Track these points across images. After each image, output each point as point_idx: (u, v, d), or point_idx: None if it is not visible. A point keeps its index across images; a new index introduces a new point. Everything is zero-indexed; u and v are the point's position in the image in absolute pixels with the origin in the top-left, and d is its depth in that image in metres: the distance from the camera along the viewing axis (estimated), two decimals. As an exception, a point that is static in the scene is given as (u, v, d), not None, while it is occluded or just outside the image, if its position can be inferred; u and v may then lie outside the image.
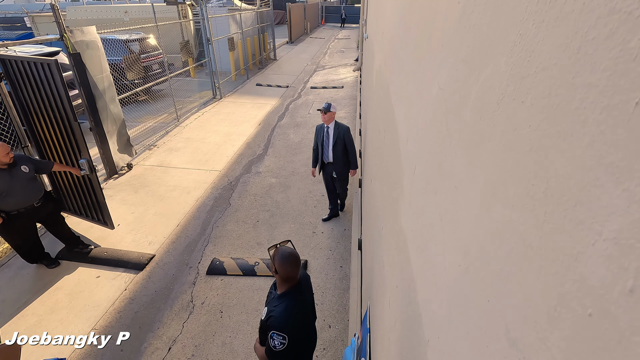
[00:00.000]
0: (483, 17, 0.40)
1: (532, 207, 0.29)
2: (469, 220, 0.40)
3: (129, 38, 8.82)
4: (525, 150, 0.31)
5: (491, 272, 0.34)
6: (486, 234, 0.36)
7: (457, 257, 0.43)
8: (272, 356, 1.89)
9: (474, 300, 0.37)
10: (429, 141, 0.63)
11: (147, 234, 4.46)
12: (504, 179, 0.33)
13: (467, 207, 0.41)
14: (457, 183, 0.45)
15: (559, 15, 0.28)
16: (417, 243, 0.68)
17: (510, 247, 0.31)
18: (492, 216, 0.35)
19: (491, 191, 0.35)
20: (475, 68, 0.41)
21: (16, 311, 3.35)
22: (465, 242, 0.41)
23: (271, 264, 1.97)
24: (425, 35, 0.76)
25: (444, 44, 0.56)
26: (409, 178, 0.79)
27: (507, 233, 0.32)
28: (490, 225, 0.35)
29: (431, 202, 0.58)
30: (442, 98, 0.55)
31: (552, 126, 0.28)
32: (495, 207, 0.34)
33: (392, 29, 1.50)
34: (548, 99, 0.29)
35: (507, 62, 0.34)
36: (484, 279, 0.35)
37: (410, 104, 0.88)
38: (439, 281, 0.50)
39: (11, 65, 3.80)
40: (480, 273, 0.36)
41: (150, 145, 6.94)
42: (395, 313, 0.90)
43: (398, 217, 0.95)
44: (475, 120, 0.40)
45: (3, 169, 3.27)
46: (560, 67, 0.28)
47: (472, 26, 0.43)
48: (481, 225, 0.37)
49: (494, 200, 0.35)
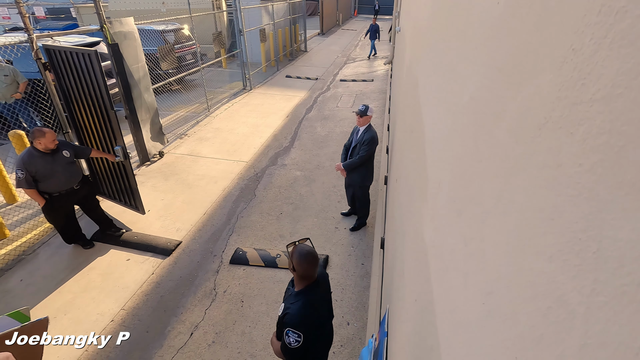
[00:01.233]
0: (526, 21, 0.33)
1: (578, 268, 0.24)
2: (496, 259, 0.35)
3: (165, 29, 9.06)
4: (572, 195, 0.25)
5: (520, 328, 0.29)
6: (515, 281, 0.31)
7: (480, 294, 0.38)
8: (287, 352, 1.91)
9: (498, 351, 0.32)
10: (454, 154, 0.57)
11: (175, 221, 4.61)
12: (543, 224, 0.28)
13: (495, 243, 0.36)
14: (485, 212, 0.39)
15: (629, 32, 0.22)
16: (438, 263, 0.63)
17: (546, 306, 0.26)
18: (524, 264, 0.29)
19: (524, 233, 0.30)
20: (513, 81, 0.35)
21: (54, 287, 3.58)
22: (490, 281, 0.36)
23: (289, 261, 1.97)
24: (457, 33, 0.70)
25: (478, 47, 0.49)
26: (434, 189, 0.74)
27: (542, 288, 0.27)
28: (520, 273, 0.30)
29: (454, 223, 0.53)
30: (473, 109, 0.49)
31: (611, 174, 0.22)
32: (528, 253, 0.29)
33: (423, 22, 1.41)
34: (608, 137, 0.23)
35: (553, 81, 0.28)
36: (511, 331, 0.31)
37: (438, 108, 0.82)
38: (458, 313, 0.45)
39: (55, 55, 3.99)
40: (507, 323, 0.31)
41: (181, 134, 7.14)
42: (411, 328, 0.86)
43: (420, 228, 0.89)
44: (511, 144, 0.34)
45: (47, 153, 3.47)
46: (627, 100, 0.21)
47: (511, 30, 0.37)
48: (510, 269, 0.32)
49: (528, 245, 0.29)
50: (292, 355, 1.90)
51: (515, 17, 0.36)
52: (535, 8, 0.32)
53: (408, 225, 1.27)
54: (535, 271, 0.28)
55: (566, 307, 0.24)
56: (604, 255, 0.21)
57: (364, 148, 3.94)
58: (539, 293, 0.27)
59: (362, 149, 3.95)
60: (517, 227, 0.31)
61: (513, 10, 0.37)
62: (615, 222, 0.21)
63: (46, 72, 4.15)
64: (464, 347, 0.42)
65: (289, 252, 1.98)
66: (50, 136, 3.43)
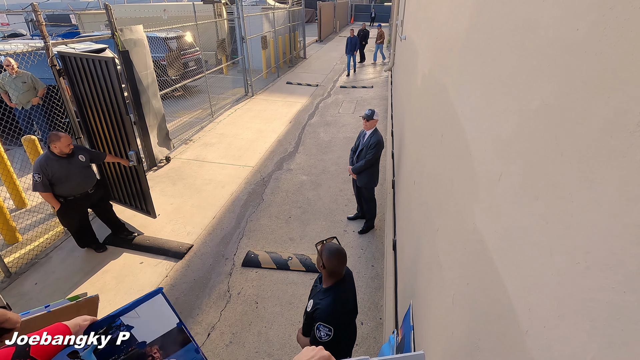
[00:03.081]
0: (612, 49, 0.44)
1: None
2: (595, 224, 0.45)
3: (168, 36, 9.18)
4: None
5: (628, 269, 0.39)
6: (619, 237, 0.40)
7: (573, 257, 0.48)
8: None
9: (601, 292, 0.42)
10: (524, 151, 0.68)
11: (185, 225, 4.68)
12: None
13: (591, 213, 0.45)
14: (573, 192, 0.49)
15: None
16: (504, 244, 0.73)
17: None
18: (629, 222, 0.39)
19: (629, 200, 0.40)
20: (600, 92, 0.46)
21: (70, 290, 3.62)
22: (586, 243, 0.46)
23: (318, 258, 2.06)
24: (513, 47, 0.81)
25: (549, 63, 0.60)
26: (491, 184, 0.84)
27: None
28: (625, 228, 0.40)
29: (529, 206, 0.63)
30: (548, 112, 0.60)
31: None
32: (633, 215, 0.39)
33: (452, 33, 1.54)
34: None
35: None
36: (614, 275, 0.40)
37: (488, 114, 0.93)
38: (544, 276, 0.55)
39: (70, 62, 4.07)
40: (613, 271, 0.41)
41: (186, 140, 7.22)
42: (464, 308, 0.96)
43: (469, 219, 1.00)
44: (604, 138, 0.44)
45: (63, 157, 3.53)
46: None
47: (597, 54, 0.48)
48: (612, 230, 0.42)
49: (631, 211, 0.39)
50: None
51: (602, 42, 0.46)
52: (626, 38, 0.42)
53: (443, 220, 1.38)
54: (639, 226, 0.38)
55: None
56: None
57: (370, 151, 4.08)
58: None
59: (369, 152, 4.09)
60: (618, 195, 0.41)
61: (598, 36, 0.47)
62: None
63: (60, 78, 4.22)
64: (552, 301, 0.52)
65: (318, 250, 2.07)
66: (65, 140, 3.49)
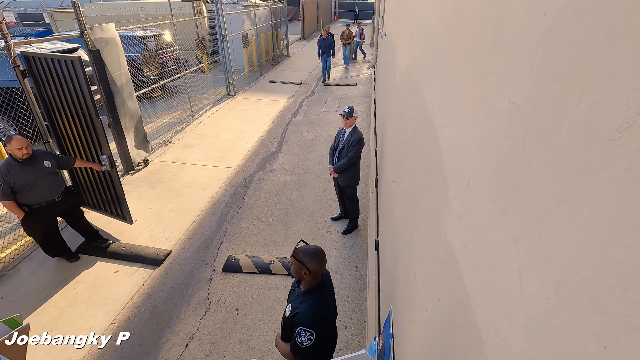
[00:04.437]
0: (587, 35, 0.36)
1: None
2: (566, 254, 0.37)
3: (145, 34, 8.90)
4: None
5: (609, 316, 0.31)
6: (597, 273, 0.33)
7: (544, 288, 0.40)
8: (298, 352, 1.90)
9: (575, 340, 0.34)
10: (490, 157, 0.60)
11: (163, 230, 4.51)
12: (630, 219, 0.30)
13: (561, 239, 0.38)
14: (543, 210, 0.41)
15: None
16: (473, 261, 0.65)
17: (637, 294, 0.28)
18: (608, 256, 0.32)
19: (607, 229, 0.32)
20: (574, 90, 0.38)
21: (39, 303, 3.43)
22: (559, 275, 0.38)
23: (298, 266, 1.94)
24: (485, 41, 0.73)
25: (519, 55, 0.52)
26: (460, 190, 0.76)
27: (634, 278, 0.29)
28: (605, 266, 0.32)
29: (498, 221, 0.55)
30: (515, 114, 0.52)
31: None
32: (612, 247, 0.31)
33: (427, 29, 1.46)
34: None
35: (634, 88, 0.31)
36: (595, 320, 0.33)
37: (457, 113, 0.85)
38: (514, 308, 0.48)
39: (35, 62, 3.86)
40: (588, 313, 0.33)
41: (165, 142, 7.01)
42: (437, 327, 0.88)
43: (440, 227, 0.92)
44: (577, 147, 0.36)
45: (27, 163, 3.33)
46: None
47: (568, 42, 0.39)
48: (588, 262, 0.34)
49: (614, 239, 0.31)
50: (303, 355, 1.90)
51: (571, 27, 0.39)
52: (597, 21, 0.34)
53: (417, 225, 1.30)
54: (623, 263, 0.30)
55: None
56: None
57: (352, 149, 4.00)
58: (632, 283, 0.29)
59: (350, 150, 4.01)
60: (595, 223, 0.34)
61: (567, 21, 0.39)
62: None
63: (24, 80, 4.00)
64: (522, 340, 0.44)
65: (295, 259, 1.94)
66: (16, 143, 3.18)
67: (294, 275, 1.98)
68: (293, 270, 1.96)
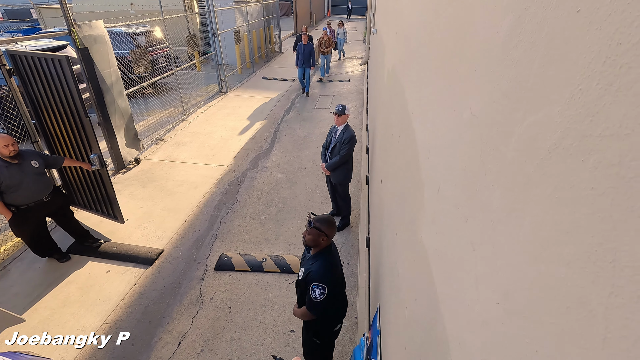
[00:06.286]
0: (530, 56, 0.38)
1: (596, 275, 0.28)
2: (511, 263, 0.39)
3: (135, 31, 8.80)
4: (587, 213, 0.29)
5: (540, 325, 0.33)
6: (533, 283, 0.35)
7: (494, 295, 0.43)
8: (312, 307, 2.10)
9: (515, 345, 0.37)
10: (456, 165, 0.62)
11: (155, 229, 4.50)
12: (559, 235, 0.32)
13: (508, 249, 0.40)
14: (496, 221, 0.44)
15: (634, 85, 0.25)
16: (442, 265, 0.68)
17: (566, 307, 0.31)
18: (542, 268, 0.34)
19: (541, 242, 0.34)
20: (519, 107, 0.39)
21: (29, 304, 3.42)
22: (505, 283, 0.40)
23: (316, 234, 2.13)
24: (453, 50, 0.74)
25: (478, 69, 0.54)
26: (432, 194, 0.79)
27: (561, 290, 0.31)
28: (538, 277, 0.34)
29: (460, 228, 0.58)
30: (475, 125, 0.53)
31: (625, 200, 0.26)
32: (545, 260, 0.33)
33: (410, 30, 1.47)
34: (618, 169, 0.26)
35: (562, 114, 0.32)
36: (530, 328, 0.35)
37: (432, 118, 0.87)
38: (471, 312, 0.50)
39: (21, 60, 3.81)
40: (525, 320, 0.36)
41: (157, 140, 6.96)
42: (414, 326, 0.91)
43: (417, 229, 0.94)
44: (520, 162, 0.38)
45: (14, 163, 3.30)
46: (636, 142, 0.25)
47: (515, 61, 0.41)
48: (527, 273, 0.36)
49: (545, 253, 0.34)
50: (318, 309, 2.09)
51: (518, 48, 0.40)
52: (538, 45, 0.36)
53: (400, 225, 1.32)
54: (554, 276, 0.32)
55: (586, 307, 0.28)
56: (620, 265, 0.26)
57: (344, 147, 4.01)
58: (559, 295, 0.32)
59: (342, 147, 4.02)
60: (533, 236, 0.36)
61: (514, 42, 0.41)
62: (630, 240, 0.25)
63: (11, 78, 3.95)
64: (478, 342, 0.47)
65: (315, 229, 2.13)
66: (1, 141, 3.16)
67: (310, 244, 2.20)
68: (309, 240, 2.17)
